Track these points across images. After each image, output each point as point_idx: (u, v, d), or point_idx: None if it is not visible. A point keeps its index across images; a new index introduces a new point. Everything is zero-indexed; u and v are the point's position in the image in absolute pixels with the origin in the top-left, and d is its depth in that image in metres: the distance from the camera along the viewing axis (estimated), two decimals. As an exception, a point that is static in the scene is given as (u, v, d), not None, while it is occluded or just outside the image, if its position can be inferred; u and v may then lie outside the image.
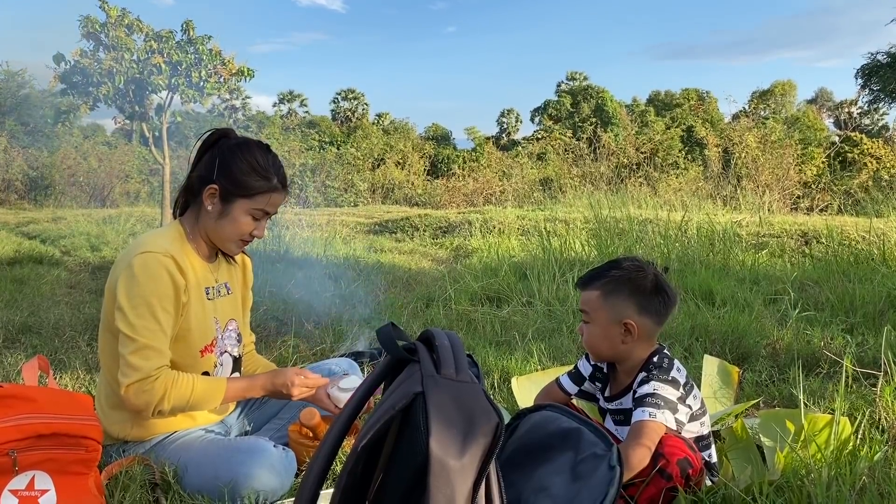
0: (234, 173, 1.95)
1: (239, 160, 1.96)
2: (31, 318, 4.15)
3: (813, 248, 6.56)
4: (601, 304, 1.94)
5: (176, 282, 1.89)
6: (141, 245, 1.90)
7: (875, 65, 14.22)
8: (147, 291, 1.84)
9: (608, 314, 1.93)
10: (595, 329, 1.96)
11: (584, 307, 1.98)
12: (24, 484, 1.69)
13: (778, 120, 23.02)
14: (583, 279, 2.00)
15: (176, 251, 1.93)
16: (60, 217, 12.94)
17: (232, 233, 1.99)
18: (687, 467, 1.69)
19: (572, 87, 43.06)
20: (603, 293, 1.94)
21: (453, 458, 1.00)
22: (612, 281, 1.93)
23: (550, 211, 10.34)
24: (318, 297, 4.80)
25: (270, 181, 1.97)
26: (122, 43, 10.07)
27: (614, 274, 1.94)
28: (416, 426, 1.04)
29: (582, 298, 1.99)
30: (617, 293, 1.93)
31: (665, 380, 1.86)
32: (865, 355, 3.12)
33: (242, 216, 1.97)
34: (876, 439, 2.08)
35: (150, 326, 1.84)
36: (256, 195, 1.96)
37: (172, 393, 1.83)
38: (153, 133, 11.30)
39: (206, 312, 2.01)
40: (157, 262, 1.86)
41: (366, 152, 24.42)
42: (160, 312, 1.85)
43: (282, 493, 1.85)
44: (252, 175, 1.95)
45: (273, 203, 2.01)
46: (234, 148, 1.98)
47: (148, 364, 1.82)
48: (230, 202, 1.96)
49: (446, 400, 1.05)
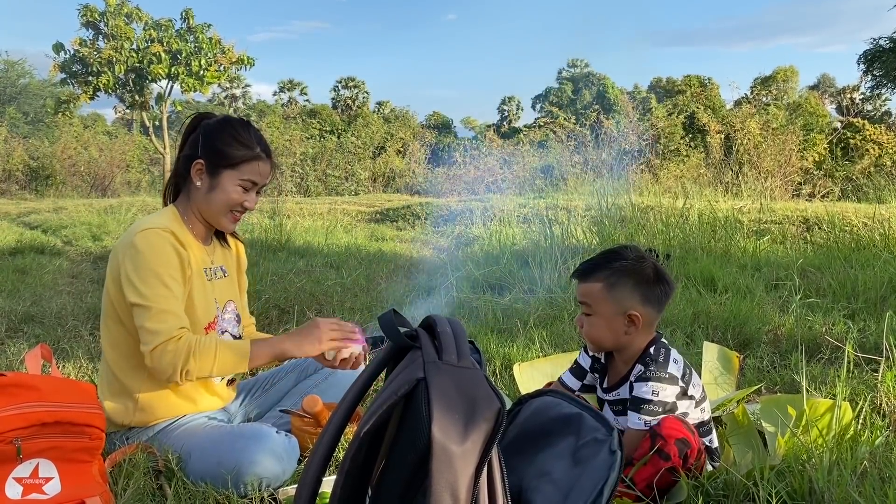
0: (218, 146, 2.00)
1: (221, 133, 2.01)
2: (33, 307, 4.16)
3: (814, 234, 6.55)
4: (605, 296, 1.91)
5: (180, 253, 1.93)
6: (140, 225, 1.94)
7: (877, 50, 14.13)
8: (153, 262, 1.88)
9: (612, 306, 1.91)
10: (598, 321, 1.93)
11: (584, 299, 1.95)
12: (28, 472, 1.70)
13: (780, 106, 22.93)
14: (581, 270, 1.97)
15: (175, 228, 1.98)
16: (61, 207, 12.93)
17: (222, 204, 2.02)
18: (685, 448, 1.70)
19: (573, 74, 42.89)
20: (606, 285, 1.91)
21: (455, 443, 1.00)
22: (616, 272, 1.90)
23: (552, 198, 10.32)
24: (319, 286, 4.80)
25: (253, 149, 2.02)
26: (121, 32, 10.04)
27: (617, 265, 1.91)
28: (418, 412, 1.04)
29: (581, 290, 1.96)
30: (621, 285, 1.90)
31: (662, 378, 1.86)
32: (867, 341, 3.12)
33: (231, 186, 2.01)
34: (877, 424, 2.09)
35: (162, 293, 1.86)
36: (241, 164, 2.00)
37: (198, 349, 1.83)
38: (153, 122, 11.28)
39: (206, 292, 2.05)
40: (158, 236, 1.91)
41: (366, 141, 24.33)
42: (169, 280, 1.89)
43: (284, 480, 1.85)
44: (235, 145, 2.00)
45: (259, 172, 2.04)
46: (216, 124, 2.04)
47: (167, 325, 1.84)
48: (217, 174, 2.01)
49: (448, 386, 1.05)
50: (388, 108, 44.28)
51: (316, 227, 8.78)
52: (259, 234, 7.45)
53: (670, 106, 28.06)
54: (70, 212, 11.69)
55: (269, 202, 9.37)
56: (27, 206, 14.07)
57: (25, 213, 12.19)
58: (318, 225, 9.14)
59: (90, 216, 10.83)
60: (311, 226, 8.86)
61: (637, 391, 1.87)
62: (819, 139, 18.42)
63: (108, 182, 21.16)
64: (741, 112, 16.16)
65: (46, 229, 9.94)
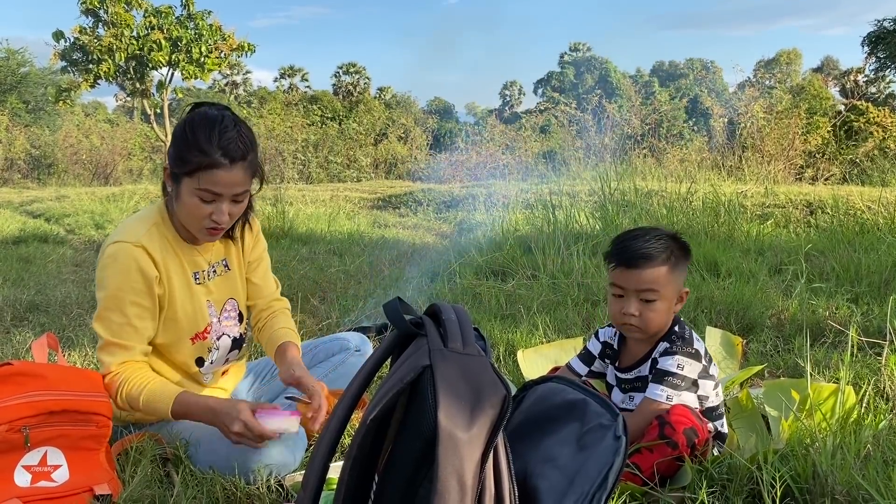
0: (178, 149, 1.78)
1: (183, 134, 1.76)
2: (38, 296, 4.18)
3: (818, 217, 6.54)
4: (671, 278, 1.88)
5: (146, 274, 1.83)
6: (118, 232, 1.87)
7: (882, 32, 14.04)
8: (114, 284, 1.82)
9: (675, 287, 1.89)
10: (662, 305, 1.88)
11: (651, 286, 1.86)
12: (36, 460, 1.71)
13: (784, 90, 22.80)
14: (644, 255, 1.86)
15: (151, 239, 1.86)
16: (64, 196, 12.93)
17: (187, 217, 1.83)
18: (693, 437, 1.70)
19: (575, 58, 42.67)
20: (670, 267, 1.87)
21: (462, 430, 1.01)
22: (673, 252, 1.88)
23: (555, 184, 10.29)
24: (323, 273, 4.81)
25: (209, 155, 1.72)
26: (121, 19, 9.99)
27: (671, 245, 1.89)
28: (424, 399, 1.05)
29: (647, 277, 1.85)
30: (681, 264, 1.90)
31: (689, 353, 1.86)
32: (871, 324, 3.12)
33: (188, 197, 1.78)
34: (881, 408, 2.10)
35: (117, 320, 1.84)
36: (196, 171, 1.74)
37: (124, 390, 1.82)
38: (155, 110, 11.26)
39: (195, 299, 1.96)
40: (126, 254, 1.81)
41: (368, 127, 24.29)
42: (128, 307, 1.83)
43: (293, 467, 1.87)
44: (191, 150, 1.73)
45: (218, 182, 1.75)
46: (184, 122, 1.79)
47: (111, 359, 1.85)
48: (178, 182, 1.80)
49: (454, 373, 1.06)
50: (389, 94, 44.15)
51: (319, 214, 8.78)
52: (262, 221, 7.44)
53: (673, 89, 27.89)
54: (72, 200, 11.69)
55: (272, 189, 9.37)
56: (30, 194, 14.07)
57: (28, 201, 12.19)
58: (321, 212, 9.14)
59: (93, 204, 10.85)
60: (314, 213, 8.86)
61: (662, 364, 1.86)
62: (822, 122, 18.32)
63: (110, 170, 21.15)
64: (745, 95, 16.07)
65: (49, 218, 9.95)
